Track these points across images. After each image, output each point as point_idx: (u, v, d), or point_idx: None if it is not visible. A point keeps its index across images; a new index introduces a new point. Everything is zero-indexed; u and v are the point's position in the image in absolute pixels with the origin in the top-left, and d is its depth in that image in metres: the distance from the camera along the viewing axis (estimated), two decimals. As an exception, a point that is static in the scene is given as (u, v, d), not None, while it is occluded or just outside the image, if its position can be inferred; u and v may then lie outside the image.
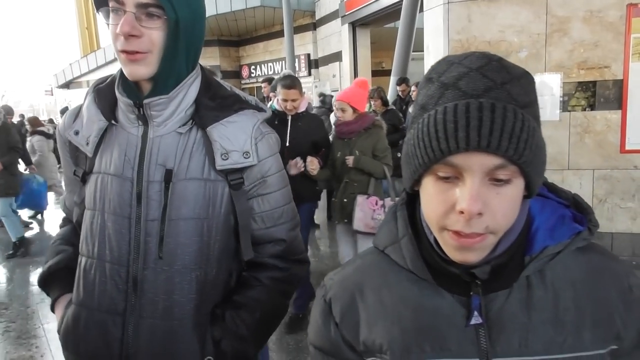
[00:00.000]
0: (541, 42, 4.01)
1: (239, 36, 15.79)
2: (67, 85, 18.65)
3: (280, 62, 14.19)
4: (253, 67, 15.73)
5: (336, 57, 12.01)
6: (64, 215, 1.24)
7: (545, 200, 0.69)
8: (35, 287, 4.39)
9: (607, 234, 4.15)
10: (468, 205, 0.54)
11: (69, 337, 1.04)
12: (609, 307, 0.64)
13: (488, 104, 0.54)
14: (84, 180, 1.04)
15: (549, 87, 4.06)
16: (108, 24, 0.93)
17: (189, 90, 1.01)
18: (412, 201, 0.71)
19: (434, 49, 4.34)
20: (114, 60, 14.70)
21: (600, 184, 4.12)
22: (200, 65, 1.06)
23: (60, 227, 1.24)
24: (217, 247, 1.02)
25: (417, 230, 0.68)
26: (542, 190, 0.70)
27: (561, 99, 4.07)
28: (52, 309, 1.12)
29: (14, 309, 3.98)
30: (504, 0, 4.01)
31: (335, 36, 11.90)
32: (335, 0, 11.51)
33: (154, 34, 0.91)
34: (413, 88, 6.48)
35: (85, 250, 1.03)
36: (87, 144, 1.02)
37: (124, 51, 0.90)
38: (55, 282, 1.12)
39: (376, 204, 3.05)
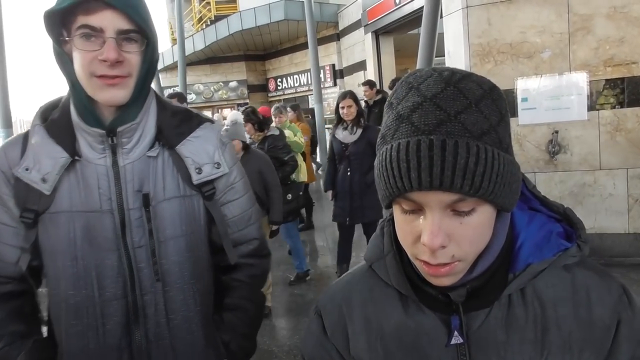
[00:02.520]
0: (564, 41, 3.96)
1: (265, 50, 16.07)
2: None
3: (306, 74, 14.34)
4: (279, 80, 15.96)
5: (361, 66, 12.06)
6: None
7: (534, 214, 0.67)
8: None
9: (646, 236, 4.02)
10: (429, 240, 0.54)
11: None
12: (597, 328, 0.62)
13: (439, 141, 0.52)
14: (35, 222, 0.96)
15: (575, 87, 4.00)
16: (73, 52, 0.91)
17: (150, 113, 1.02)
18: None
19: (455, 54, 4.33)
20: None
21: (635, 184, 4.00)
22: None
23: None
24: (206, 258, 1.07)
25: (401, 247, 0.67)
26: (534, 204, 0.68)
27: (588, 97, 4.00)
28: None
29: None
30: (523, 0, 3.99)
31: (359, 45, 11.97)
32: (357, 10, 11.60)
33: (134, 59, 0.93)
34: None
35: (67, 296, 0.97)
36: (44, 181, 0.95)
37: (104, 76, 0.90)
38: None
39: None
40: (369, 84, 6.84)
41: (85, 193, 0.96)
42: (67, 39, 0.92)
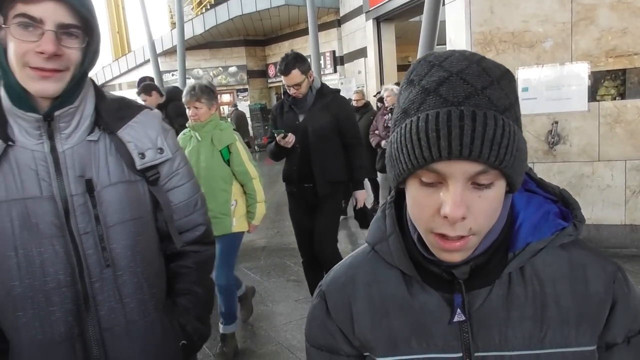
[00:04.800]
0: (567, 31, 3.94)
1: (265, 35, 15.94)
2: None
3: (306, 60, 14.25)
4: (279, 65, 15.86)
5: (361, 53, 11.98)
6: None
7: (532, 195, 0.69)
8: None
9: (643, 227, 4.05)
10: (452, 211, 0.55)
11: None
12: (593, 303, 0.64)
13: (469, 112, 0.54)
14: None
15: (576, 77, 3.99)
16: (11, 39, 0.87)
17: (88, 98, 1.00)
18: (400, 199, 0.72)
19: (457, 43, 4.31)
20: (145, 62, 15.01)
21: (633, 175, 4.02)
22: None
23: None
24: (155, 242, 1.08)
25: (404, 228, 0.70)
26: (530, 185, 0.70)
27: (589, 88, 3.99)
28: None
29: None
30: (527, -11, 3.96)
31: (360, 32, 11.88)
32: (359, -4, 11.49)
33: (73, 54, 0.90)
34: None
35: (11, 287, 0.94)
36: None
37: (39, 68, 0.87)
38: None
39: None
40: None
41: (22, 179, 0.93)
42: (2, 25, 0.87)
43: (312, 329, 0.77)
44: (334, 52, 13.55)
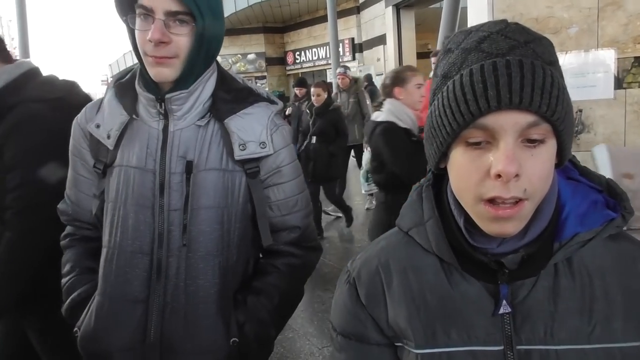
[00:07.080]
0: (593, 16, 3.83)
1: (284, 22, 15.89)
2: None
3: (325, 47, 14.18)
4: (298, 53, 15.82)
5: (380, 40, 11.86)
6: (65, 231, 1.20)
7: (577, 184, 0.65)
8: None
9: (667, 219, 3.95)
10: (504, 166, 0.52)
11: (91, 330, 1.06)
12: None
13: (515, 60, 0.52)
14: (104, 173, 1.08)
15: (602, 64, 3.88)
16: (134, 30, 0.96)
17: (207, 85, 1.05)
18: (438, 182, 0.69)
19: (479, 28, 4.23)
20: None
21: (659, 165, 3.92)
22: (215, 60, 1.10)
23: (66, 247, 1.18)
24: (236, 235, 1.07)
25: (442, 213, 0.66)
26: (574, 174, 0.66)
27: (615, 76, 3.88)
28: None
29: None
30: (552, -26, 3.85)
31: (379, 19, 11.75)
32: (378, -18, 11.34)
33: (182, 40, 0.94)
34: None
35: (107, 241, 1.06)
36: (109, 137, 1.05)
37: (152, 56, 0.94)
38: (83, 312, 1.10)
39: None
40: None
41: (134, 150, 1.04)
42: (123, 18, 0.97)
43: (340, 316, 0.72)
44: (352, 39, 13.45)
